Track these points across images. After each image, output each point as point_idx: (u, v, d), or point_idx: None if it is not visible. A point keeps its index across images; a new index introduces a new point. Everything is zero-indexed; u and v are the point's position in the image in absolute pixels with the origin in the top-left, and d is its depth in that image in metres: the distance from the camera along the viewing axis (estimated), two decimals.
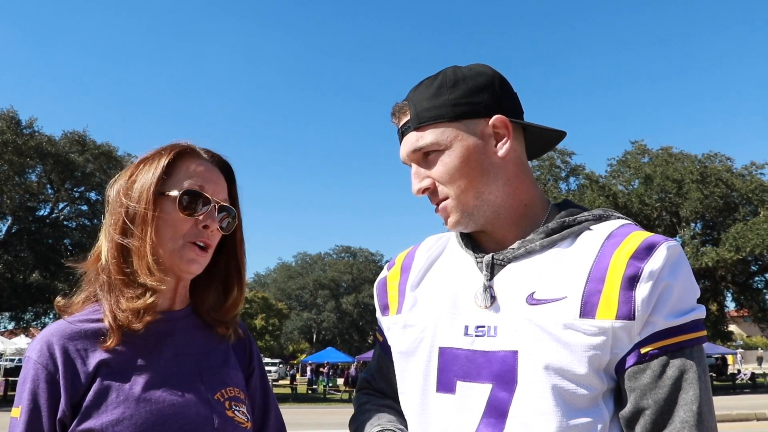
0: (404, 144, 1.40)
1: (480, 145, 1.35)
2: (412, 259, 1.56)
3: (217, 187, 1.49)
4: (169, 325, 1.47)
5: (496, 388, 1.26)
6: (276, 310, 58.32)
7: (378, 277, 1.64)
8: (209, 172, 1.49)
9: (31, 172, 28.34)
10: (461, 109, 1.35)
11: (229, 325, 1.57)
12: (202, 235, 1.44)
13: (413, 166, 1.40)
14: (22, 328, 31.51)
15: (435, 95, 1.36)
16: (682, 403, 1.17)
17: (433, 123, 1.35)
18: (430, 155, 1.36)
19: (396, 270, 1.58)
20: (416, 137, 1.36)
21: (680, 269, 1.23)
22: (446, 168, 1.34)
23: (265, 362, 22.12)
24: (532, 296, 1.27)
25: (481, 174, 1.35)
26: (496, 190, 1.37)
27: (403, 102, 1.42)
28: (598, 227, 1.33)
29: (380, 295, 1.58)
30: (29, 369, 1.34)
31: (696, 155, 30.62)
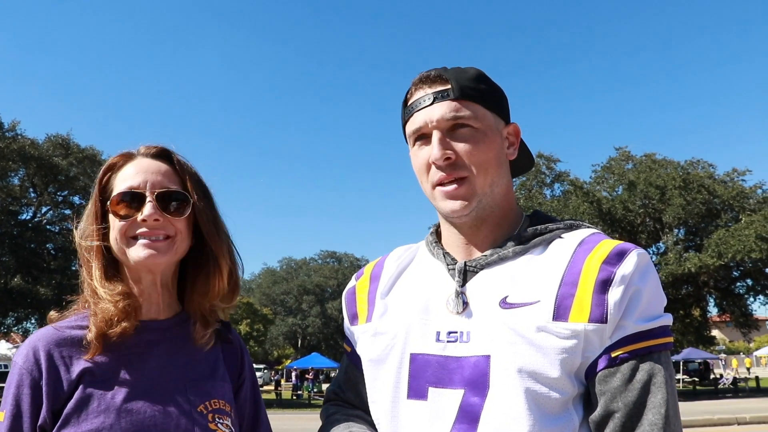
0: (436, 108, 1.36)
1: (500, 142, 1.41)
2: (381, 268, 1.57)
3: (155, 179, 1.47)
4: (157, 335, 1.47)
5: (468, 393, 1.27)
6: (261, 315, 57.98)
7: (346, 287, 1.63)
8: (140, 168, 1.49)
9: (14, 176, 28.06)
10: (497, 103, 1.42)
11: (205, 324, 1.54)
12: (140, 227, 1.44)
13: (437, 133, 1.35)
14: (3, 333, 31.15)
15: (476, 81, 1.39)
16: (650, 406, 1.20)
17: (474, 102, 1.37)
18: (461, 129, 1.36)
19: (365, 279, 1.58)
20: (457, 107, 1.36)
21: (649, 276, 1.26)
22: (478, 147, 1.36)
23: None
24: (504, 300, 1.29)
25: (498, 166, 1.39)
26: (502, 186, 1.41)
27: (440, 71, 1.40)
28: (569, 235, 1.36)
29: (349, 305, 1.59)
30: (14, 374, 1.35)
31: (679, 162, 30.89)
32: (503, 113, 1.43)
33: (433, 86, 1.38)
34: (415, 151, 1.42)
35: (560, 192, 32.94)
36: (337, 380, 1.65)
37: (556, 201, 30.50)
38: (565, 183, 32.31)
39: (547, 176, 32.98)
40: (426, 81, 1.40)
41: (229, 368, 1.58)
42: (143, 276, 1.46)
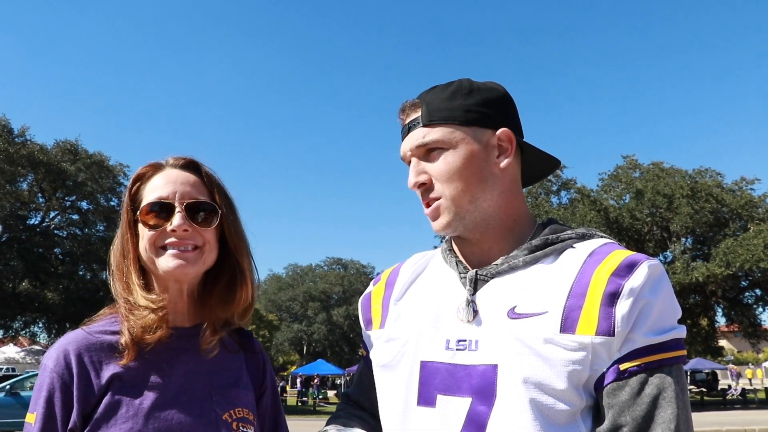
0: (410, 138, 1.42)
1: (483, 153, 1.39)
2: (396, 274, 1.58)
3: (184, 189, 1.50)
4: (184, 342, 1.49)
5: (475, 401, 1.27)
6: (266, 321, 57.98)
7: (363, 293, 1.65)
8: (169, 179, 1.51)
9: (23, 181, 28.23)
10: (473, 115, 1.39)
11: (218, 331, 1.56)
12: (169, 237, 1.46)
13: (413, 160, 1.41)
14: (11, 336, 31.25)
15: (449, 98, 1.39)
16: (659, 421, 1.18)
17: (443, 123, 1.38)
18: (432, 152, 1.39)
19: (381, 285, 1.60)
20: (424, 133, 1.39)
21: (661, 288, 1.24)
22: (448, 167, 1.36)
23: None
24: (513, 310, 1.29)
25: (479, 180, 1.38)
26: (490, 200, 1.39)
27: (415, 100, 1.44)
28: (581, 245, 1.35)
29: (364, 310, 1.61)
30: (45, 377, 1.37)
31: (687, 170, 30.78)
32: (488, 122, 1.40)
33: (409, 115, 1.44)
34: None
35: (567, 200, 32.88)
36: (354, 382, 1.68)
37: (563, 209, 30.45)
38: (571, 191, 32.25)
39: (554, 184, 32.91)
40: (403, 111, 1.46)
41: (252, 376, 1.60)
42: (171, 285, 1.49)
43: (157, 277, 1.49)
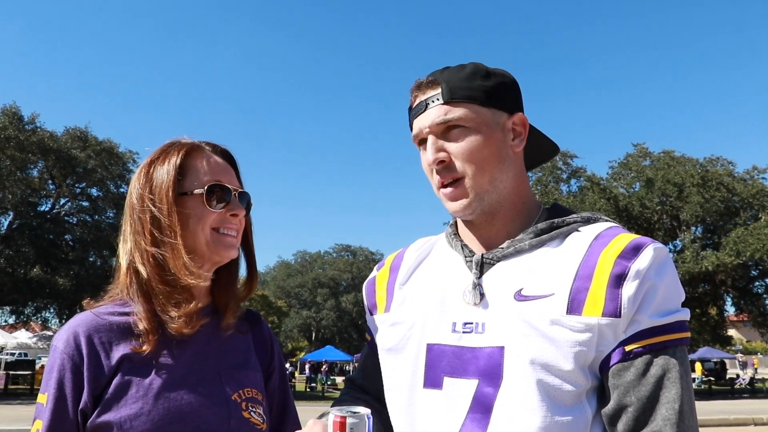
0: (428, 114, 1.39)
1: (501, 135, 1.40)
2: (401, 259, 1.59)
3: (230, 177, 1.54)
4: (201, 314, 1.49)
5: (482, 383, 1.29)
6: (275, 308, 58.26)
7: (367, 278, 1.66)
8: (220, 164, 1.54)
9: (33, 168, 28.34)
10: (492, 97, 1.39)
11: (235, 312, 1.59)
12: (230, 222, 1.50)
13: (431, 137, 1.39)
14: (23, 322, 31.54)
15: (468, 79, 1.39)
16: (664, 401, 1.19)
17: (465, 102, 1.37)
18: (453, 131, 1.38)
19: (385, 270, 1.61)
20: (445, 110, 1.37)
21: (666, 270, 1.26)
22: (470, 146, 1.36)
23: None
24: (519, 293, 1.30)
25: (498, 161, 1.39)
26: (506, 181, 1.40)
27: (431, 78, 1.43)
28: (586, 228, 1.36)
29: (369, 295, 1.62)
30: (56, 358, 1.38)
31: (697, 159, 30.56)
32: (505, 105, 1.42)
33: (426, 92, 1.41)
34: (421, 155, 1.45)
35: (576, 188, 32.74)
36: (358, 367, 1.69)
37: (573, 197, 30.32)
38: (581, 179, 32.10)
39: (564, 172, 32.79)
40: (420, 87, 1.43)
41: (260, 357, 1.62)
42: (205, 266, 1.49)
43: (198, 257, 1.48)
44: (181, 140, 1.55)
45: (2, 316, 30.77)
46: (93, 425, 1.34)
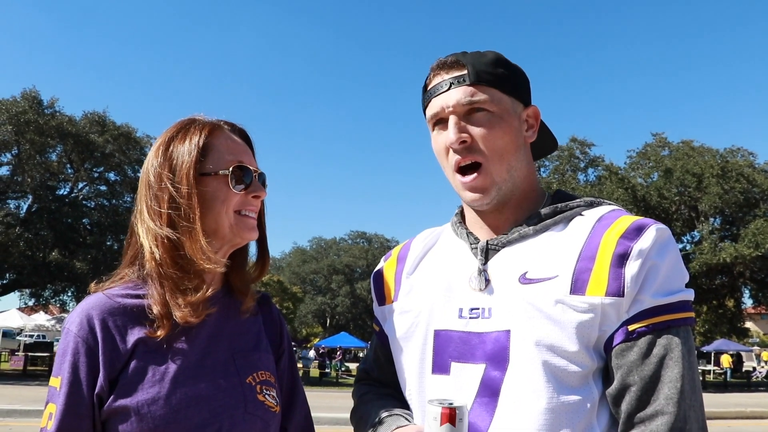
0: (452, 94, 1.38)
1: (518, 125, 1.42)
2: (407, 249, 1.61)
3: (250, 157, 1.52)
4: (210, 302, 1.47)
5: (489, 367, 1.30)
6: (290, 293, 58.64)
7: (375, 269, 1.68)
8: (240, 145, 1.51)
9: (52, 152, 28.52)
10: (513, 87, 1.42)
11: (254, 295, 1.58)
12: (251, 204, 1.48)
13: (453, 117, 1.39)
14: (42, 305, 31.92)
15: (493, 65, 1.40)
16: (666, 381, 1.20)
17: (490, 86, 1.38)
18: (476, 114, 1.38)
19: (392, 260, 1.63)
20: (472, 92, 1.38)
21: (668, 251, 1.26)
22: (493, 131, 1.37)
23: None
24: (524, 276, 1.31)
25: (516, 149, 1.40)
26: (521, 169, 1.42)
27: (455, 58, 1.42)
28: (589, 212, 1.38)
29: (376, 286, 1.64)
30: (69, 341, 1.35)
31: (717, 149, 30.22)
32: (522, 96, 1.45)
33: (450, 72, 1.41)
34: (435, 136, 1.45)
35: (594, 177, 32.51)
36: (367, 359, 1.70)
37: (590, 186, 30.13)
38: (599, 168, 31.86)
39: (581, 161, 32.56)
40: (443, 67, 1.42)
41: (270, 339, 1.61)
42: (223, 248, 1.48)
43: (217, 239, 1.46)
44: (200, 118, 1.51)
45: (22, 298, 31.13)
46: (110, 410, 1.32)
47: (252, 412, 1.42)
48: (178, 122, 1.50)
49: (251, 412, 1.42)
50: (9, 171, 27.99)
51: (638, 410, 1.20)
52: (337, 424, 12.97)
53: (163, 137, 1.48)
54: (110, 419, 1.33)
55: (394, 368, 1.54)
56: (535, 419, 1.22)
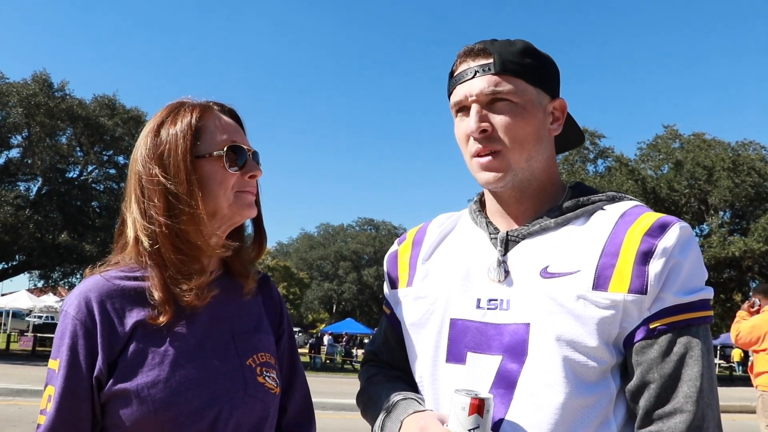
0: (476, 82, 1.38)
1: (542, 116, 1.41)
2: (423, 234, 1.60)
3: (242, 137, 1.50)
4: (209, 287, 1.45)
5: (506, 359, 1.30)
6: (297, 279, 58.73)
7: (388, 251, 1.66)
8: (231, 125, 1.49)
9: (62, 135, 28.62)
10: (540, 78, 1.41)
11: (254, 276, 1.58)
12: (249, 184, 1.46)
13: (475, 106, 1.38)
14: (51, 286, 32.12)
15: (520, 55, 1.38)
16: (686, 379, 1.21)
17: (516, 76, 1.37)
18: (499, 103, 1.37)
19: (407, 244, 1.61)
20: (496, 81, 1.37)
21: (690, 249, 1.26)
22: (515, 121, 1.36)
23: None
24: (545, 270, 1.31)
25: (537, 141, 1.39)
26: (541, 161, 1.41)
27: (482, 46, 1.41)
28: (611, 207, 1.37)
29: (390, 268, 1.62)
30: (67, 324, 1.34)
31: (729, 142, 29.95)
32: (549, 88, 1.43)
33: (477, 60, 1.40)
34: (457, 122, 1.44)
35: (603, 168, 32.34)
36: (376, 341, 1.69)
37: (600, 177, 29.98)
38: (609, 159, 31.69)
39: (591, 152, 32.35)
40: (470, 54, 1.42)
41: (270, 320, 1.61)
42: (222, 228, 1.47)
43: (216, 220, 1.45)
44: (189, 100, 1.49)
45: (31, 280, 31.35)
46: (109, 393, 1.32)
47: (252, 394, 1.42)
48: (167, 106, 1.48)
49: (251, 394, 1.42)
50: (19, 153, 28.13)
51: (657, 407, 1.21)
52: (343, 410, 13.04)
53: (153, 123, 1.45)
54: (110, 402, 1.33)
55: (404, 353, 1.54)
56: (552, 413, 1.23)
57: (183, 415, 1.32)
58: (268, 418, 1.46)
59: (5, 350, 26.90)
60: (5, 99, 25.86)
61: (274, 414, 1.50)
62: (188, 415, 1.32)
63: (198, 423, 1.33)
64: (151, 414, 1.30)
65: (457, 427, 1.19)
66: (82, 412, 1.32)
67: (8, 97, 25.78)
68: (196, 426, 1.33)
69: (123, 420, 1.31)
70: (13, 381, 14.02)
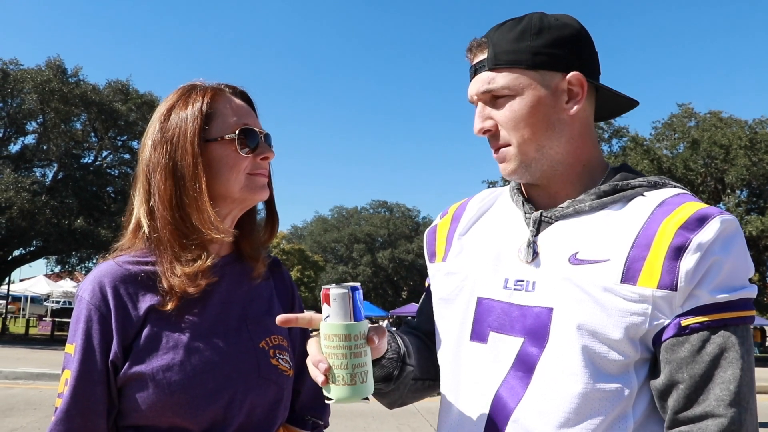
0: (475, 82, 1.38)
1: (551, 99, 1.33)
2: (463, 209, 1.58)
3: (254, 119, 1.50)
4: (217, 271, 1.46)
5: (527, 342, 1.28)
6: (312, 262, 59.03)
7: (430, 226, 1.66)
8: (243, 107, 1.49)
9: (76, 120, 28.75)
10: (541, 58, 1.32)
11: (264, 260, 1.58)
12: (262, 167, 1.46)
13: (478, 106, 1.38)
14: (68, 271, 32.51)
15: (517, 39, 1.33)
16: (718, 381, 1.15)
17: (509, 67, 1.33)
18: (499, 98, 1.35)
19: (447, 219, 1.60)
20: (489, 78, 1.34)
21: (733, 245, 1.19)
22: (513, 114, 1.33)
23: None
24: (575, 256, 1.27)
25: (546, 127, 1.33)
26: (558, 146, 1.35)
27: (482, 39, 1.38)
28: (651, 194, 1.30)
29: (429, 243, 1.61)
30: (82, 308, 1.36)
31: (746, 120, 29.56)
32: (557, 64, 1.33)
33: (476, 56, 1.39)
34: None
35: (618, 148, 32.08)
36: (417, 311, 1.69)
37: (614, 157, 29.75)
38: (623, 139, 31.41)
39: (605, 131, 32.09)
40: (471, 50, 1.41)
41: (282, 303, 1.61)
42: (233, 211, 1.48)
43: (226, 203, 1.45)
44: (200, 84, 1.49)
45: (48, 265, 31.71)
46: (125, 376, 1.33)
47: (265, 376, 1.43)
48: (179, 89, 1.48)
49: (265, 376, 1.42)
50: (35, 139, 28.32)
51: (685, 408, 1.17)
52: None
53: (164, 106, 1.46)
54: (126, 386, 1.35)
55: (433, 323, 1.53)
56: (568, 401, 1.20)
57: (198, 398, 1.33)
58: (282, 401, 1.47)
59: (24, 335, 27.35)
60: (20, 86, 25.98)
61: (288, 396, 1.51)
62: (203, 398, 1.33)
63: (212, 405, 1.34)
64: (166, 397, 1.31)
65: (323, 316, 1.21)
66: (97, 396, 1.33)
67: (23, 84, 25.89)
68: (210, 408, 1.34)
69: (139, 403, 1.33)
70: (33, 365, 14.25)
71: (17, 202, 23.31)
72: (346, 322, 1.18)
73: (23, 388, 11.74)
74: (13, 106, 26.83)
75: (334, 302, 1.19)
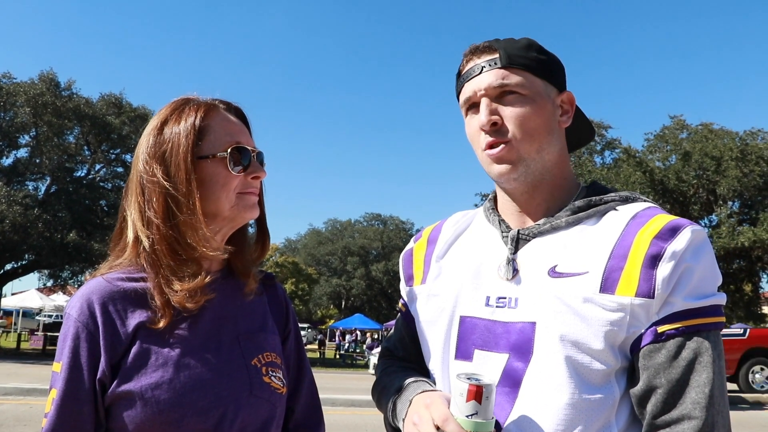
0: (484, 77, 1.40)
1: (551, 108, 1.41)
2: (438, 231, 1.60)
3: (247, 137, 1.48)
4: (211, 288, 1.44)
5: (512, 358, 1.30)
6: (305, 275, 58.96)
7: (404, 249, 1.67)
8: (236, 124, 1.47)
9: (69, 134, 28.73)
10: (547, 71, 1.41)
11: (256, 276, 1.56)
12: (252, 186, 1.45)
13: (485, 100, 1.39)
14: (60, 285, 32.32)
15: (526, 49, 1.40)
16: (694, 385, 1.18)
17: (522, 69, 1.38)
18: (507, 96, 1.38)
19: (423, 242, 1.62)
20: (503, 74, 1.38)
21: (703, 253, 1.24)
22: (524, 113, 1.36)
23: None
24: (554, 269, 1.30)
25: (548, 132, 1.39)
26: (553, 153, 1.41)
27: (487, 43, 1.43)
28: (624, 208, 1.35)
29: (406, 266, 1.63)
30: (69, 326, 1.33)
31: (737, 132, 29.72)
32: (556, 81, 1.43)
33: (483, 56, 1.42)
34: (468, 120, 1.45)
35: (611, 160, 32.21)
36: (392, 339, 1.70)
37: (607, 169, 29.85)
38: (616, 151, 31.54)
39: (598, 143, 32.23)
40: (476, 52, 1.43)
41: (276, 319, 1.59)
42: (223, 229, 1.46)
43: (217, 221, 1.43)
44: (194, 98, 1.47)
45: (41, 279, 31.52)
46: (113, 395, 1.31)
47: (257, 394, 1.41)
48: (172, 103, 1.46)
49: (257, 394, 1.40)
50: (27, 153, 28.29)
51: (663, 413, 1.19)
52: (353, 406, 13.07)
53: (156, 120, 1.44)
54: (114, 404, 1.32)
55: (419, 348, 1.55)
56: (555, 413, 1.22)
57: (187, 416, 1.31)
58: (274, 419, 1.45)
59: (16, 349, 27.10)
60: (13, 99, 25.98)
61: (281, 414, 1.49)
62: (193, 416, 1.31)
63: (203, 424, 1.32)
64: (155, 415, 1.29)
65: (456, 411, 1.19)
66: (84, 415, 1.31)
67: (16, 97, 25.90)
68: (200, 427, 1.32)
69: (127, 422, 1.30)
70: (23, 380, 14.12)
71: (9, 215, 23.23)
72: (492, 420, 1.18)
73: (13, 403, 11.61)
74: (5, 119, 26.81)
75: (486, 400, 1.18)
